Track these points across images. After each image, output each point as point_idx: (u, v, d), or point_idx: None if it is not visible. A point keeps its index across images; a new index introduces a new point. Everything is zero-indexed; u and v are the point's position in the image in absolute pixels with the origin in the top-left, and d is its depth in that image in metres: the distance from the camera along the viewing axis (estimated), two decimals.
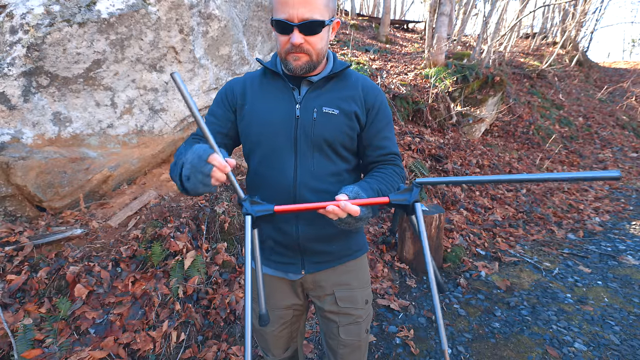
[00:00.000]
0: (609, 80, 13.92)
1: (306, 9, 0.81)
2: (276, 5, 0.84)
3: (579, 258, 3.36)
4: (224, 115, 1.01)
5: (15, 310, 1.74)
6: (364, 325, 1.12)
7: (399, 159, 1.05)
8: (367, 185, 0.90)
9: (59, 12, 2.03)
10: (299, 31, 0.83)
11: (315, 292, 1.09)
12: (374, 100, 1.00)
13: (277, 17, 0.84)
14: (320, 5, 0.83)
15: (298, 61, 0.88)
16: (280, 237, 1.03)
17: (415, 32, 12.75)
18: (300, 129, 0.95)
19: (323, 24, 0.85)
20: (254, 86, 1.01)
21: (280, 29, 0.85)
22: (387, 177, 0.96)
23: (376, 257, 2.96)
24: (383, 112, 1.02)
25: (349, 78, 1.01)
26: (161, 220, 2.39)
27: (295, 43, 0.84)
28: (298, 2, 0.80)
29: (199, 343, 1.95)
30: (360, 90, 0.99)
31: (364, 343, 1.15)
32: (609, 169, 0.51)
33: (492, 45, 7.34)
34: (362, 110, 0.99)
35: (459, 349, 2.09)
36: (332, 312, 1.09)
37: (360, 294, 1.10)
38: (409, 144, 4.66)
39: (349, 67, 1.00)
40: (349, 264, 1.09)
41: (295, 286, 1.11)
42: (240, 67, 3.05)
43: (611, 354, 2.04)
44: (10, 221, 2.19)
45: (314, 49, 0.88)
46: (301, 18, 0.81)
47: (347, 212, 0.76)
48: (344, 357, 1.14)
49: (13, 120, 2.00)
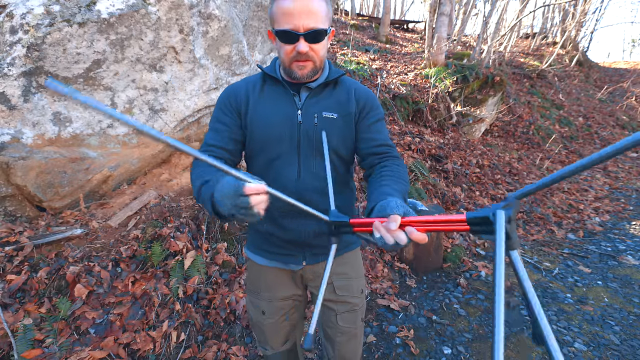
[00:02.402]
0: (609, 80, 13.92)
1: (311, 19, 0.86)
2: (279, 17, 0.88)
3: (579, 258, 3.36)
4: (232, 122, 1.03)
5: (15, 310, 1.74)
6: (360, 313, 1.19)
7: (394, 149, 1.07)
8: (399, 193, 0.84)
9: (59, 12, 2.03)
10: (305, 40, 0.88)
11: (315, 282, 1.15)
12: (365, 100, 1.06)
13: (282, 28, 0.87)
14: (322, 16, 0.89)
15: (304, 70, 0.94)
16: (282, 234, 1.06)
17: (415, 32, 12.75)
18: (303, 133, 0.99)
19: (326, 33, 0.91)
20: (255, 92, 1.03)
21: (286, 39, 0.89)
22: (394, 172, 0.96)
23: (376, 257, 2.96)
24: (374, 110, 1.07)
25: (343, 84, 1.08)
26: (161, 220, 2.39)
27: (302, 51, 0.89)
28: (303, 13, 0.85)
29: (199, 343, 1.95)
30: (353, 93, 1.06)
31: (359, 331, 1.21)
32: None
33: (492, 45, 7.33)
34: (356, 110, 1.05)
35: (459, 349, 2.09)
36: (330, 301, 1.15)
37: (356, 283, 1.17)
38: (409, 144, 4.65)
39: (343, 75, 1.07)
40: (345, 255, 1.15)
41: (295, 277, 1.16)
42: (240, 67, 3.05)
43: (611, 354, 2.04)
44: (10, 221, 2.19)
45: (318, 56, 0.94)
46: (306, 28, 0.86)
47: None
48: (341, 344, 1.19)
49: (13, 120, 2.00)
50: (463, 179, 4.65)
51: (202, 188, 0.81)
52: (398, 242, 0.64)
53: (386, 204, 0.73)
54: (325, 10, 0.90)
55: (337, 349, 1.20)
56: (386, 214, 0.69)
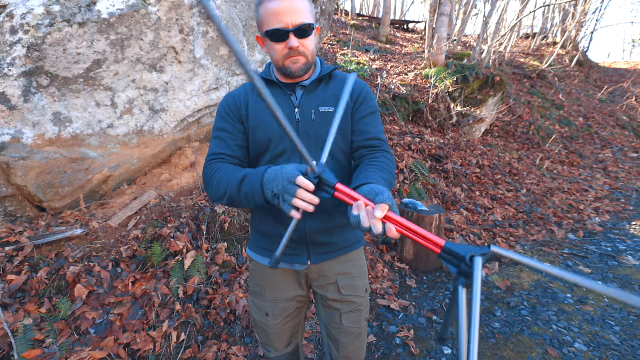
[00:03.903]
0: (609, 80, 13.92)
1: (297, 15, 0.91)
2: (268, 18, 0.92)
3: (579, 258, 3.36)
4: (236, 128, 1.05)
5: (15, 310, 1.74)
6: (364, 313, 1.19)
7: (386, 144, 1.08)
8: (385, 182, 0.87)
9: (59, 12, 2.03)
10: (294, 35, 0.93)
11: (319, 281, 1.15)
12: (359, 91, 1.08)
13: (272, 27, 0.91)
14: (307, 11, 0.94)
15: (297, 63, 0.97)
16: (285, 233, 1.05)
17: (415, 32, 12.76)
18: (302, 130, 1.02)
19: (312, 27, 0.96)
20: (254, 95, 1.06)
21: (277, 38, 0.93)
22: (382, 164, 0.98)
23: (376, 257, 2.96)
24: (368, 102, 1.09)
25: (337, 78, 1.10)
26: (161, 220, 2.39)
27: (294, 46, 0.93)
28: (290, 11, 0.90)
29: (199, 343, 1.95)
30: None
31: (363, 331, 1.20)
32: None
33: (492, 45, 7.34)
34: (351, 102, 1.07)
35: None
36: (335, 300, 1.15)
37: (361, 282, 1.17)
38: (409, 144, 4.66)
39: (336, 69, 1.10)
40: (349, 254, 1.15)
41: (300, 277, 1.16)
42: (240, 67, 3.05)
43: (611, 354, 2.04)
44: (10, 221, 2.19)
45: (308, 50, 0.97)
46: (294, 24, 0.91)
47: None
48: (345, 345, 1.18)
49: (13, 120, 2.00)
50: (463, 179, 4.65)
51: (244, 179, 0.85)
52: (372, 229, 0.66)
53: (379, 191, 0.73)
54: (309, 7, 0.96)
55: (341, 349, 1.19)
56: (377, 199, 0.70)
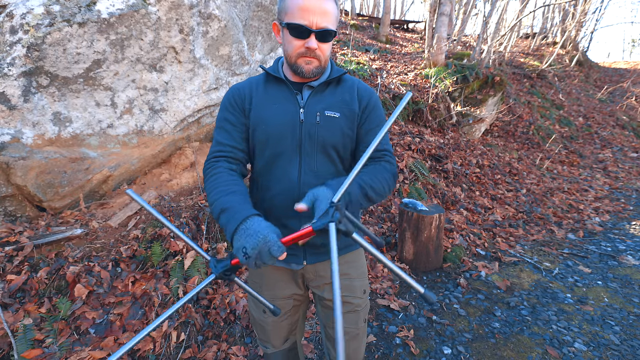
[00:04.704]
0: (609, 80, 13.92)
1: (324, 18, 0.90)
2: (295, 11, 0.90)
3: (579, 258, 3.36)
4: (239, 120, 1.04)
5: (15, 310, 1.74)
6: (362, 314, 1.18)
7: (391, 155, 1.08)
8: (359, 184, 0.92)
9: (59, 12, 2.03)
10: (316, 37, 0.92)
11: (316, 281, 1.15)
12: (368, 100, 1.07)
13: (296, 22, 0.90)
14: (334, 18, 0.94)
15: (310, 65, 0.96)
16: (285, 233, 1.05)
17: (415, 32, 12.76)
18: (305, 132, 1.00)
19: (334, 34, 0.95)
20: (259, 91, 1.05)
21: (298, 33, 0.91)
22: (376, 171, 0.99)
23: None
24: (376, 111, 1.08)
25: (345, 82, 1.09)
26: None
27: (312, 47, 0.92)
28: (319, 12, 0.89)
29: (199, 343, 1.95)
30: (355, 92, 1.07)
31: (361, 332, 1.20)
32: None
33: (492, 45, 7.34)
34: (359, 109, 1.06)
35: (459, 349, 2.09)
36: (332, 301, 1.15)
37: (359, 284, 1.17)
38: (409, 144, 4.66)
39: (345, 73, 1.08)
40: (347, 255, 1.15)
41: (296, 276, 1.16)
42: (240, 67, 3.05)
43: (611, 354, 2.04)
44: (10, 221, 2.19)
45: (324, 55, 0.97)
46: (319, 26, 0.90)
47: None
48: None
49: (13, 120, 2.00)
50: (463, 179, 4.65)
51: (224, 212, 0.87)
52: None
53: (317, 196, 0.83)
54: (337, 13, 0.95)
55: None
56: (316, 210, 0.81)
